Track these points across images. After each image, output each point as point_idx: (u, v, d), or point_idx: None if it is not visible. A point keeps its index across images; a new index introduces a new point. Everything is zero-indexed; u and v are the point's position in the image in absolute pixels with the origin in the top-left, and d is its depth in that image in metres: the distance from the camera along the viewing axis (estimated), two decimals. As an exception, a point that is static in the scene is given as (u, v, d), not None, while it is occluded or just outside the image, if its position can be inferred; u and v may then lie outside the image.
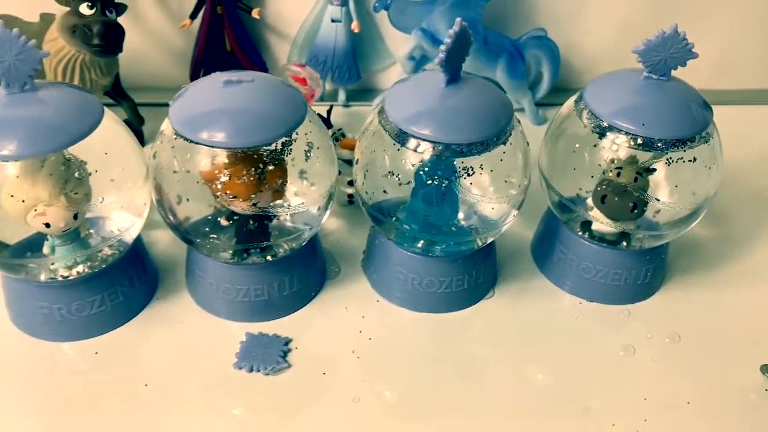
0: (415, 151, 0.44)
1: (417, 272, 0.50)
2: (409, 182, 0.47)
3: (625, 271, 0.51)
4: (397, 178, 0.46)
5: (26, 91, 0.42)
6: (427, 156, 0.44)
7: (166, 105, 0.45)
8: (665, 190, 0.48)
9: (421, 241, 0.50)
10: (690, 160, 0.46)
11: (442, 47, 0.42)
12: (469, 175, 0.46)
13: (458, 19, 0.42)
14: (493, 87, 0.47)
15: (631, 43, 0.47)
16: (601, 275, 0.51)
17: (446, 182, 0.46)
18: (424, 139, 0.43)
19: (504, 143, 0.45)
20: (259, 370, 0.46)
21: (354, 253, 0.56)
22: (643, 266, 0.51)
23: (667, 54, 0.45)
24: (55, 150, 0.41)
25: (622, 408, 0.45)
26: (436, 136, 0.43)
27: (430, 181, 0.46)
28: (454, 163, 0.46)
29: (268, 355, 0.47)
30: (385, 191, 0.48)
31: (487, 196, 0.48)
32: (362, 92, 0.76)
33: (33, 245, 0.47)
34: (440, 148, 0.43)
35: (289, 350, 0.48)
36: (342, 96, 0.75)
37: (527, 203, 0.50)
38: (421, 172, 0.46)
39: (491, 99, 0.45)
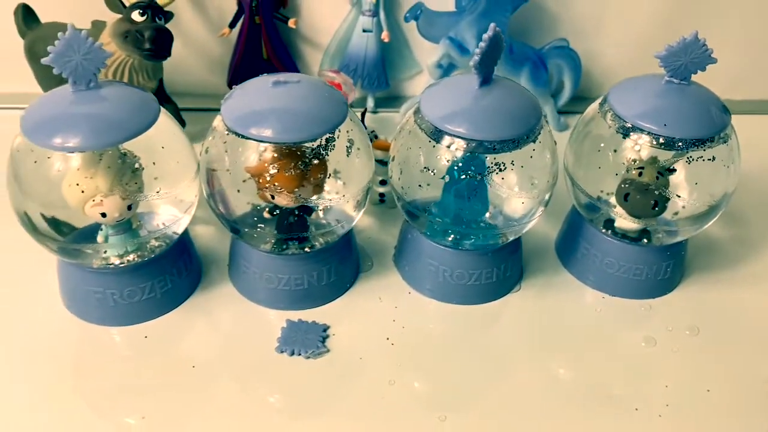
0: (449, 148, 0.47)
1: (448, 265, 0.53)
2: (443, 178, 0.50)
3: (646, 266, 0.54)
4: (431, 174, 0.49)
5: (91, 88, 0.45)
6: (460, 153, 0.47)
7: (205, 110, 0.48)
8: (685, 188, 0.51)
9: (452, 235, 0.53)
10: (709, 159, 0.49)
11: (477, 50, 0.45)
12: (500, 170, 0.48)
13: (492, 25, 0.45)
14: (523, 89, 0.50)
15: (650, 54, 0.49)
16: (623, 270, 0.54)
17: (478, 178, 0.49)
18: (458, 137, 0.46)
19: (533, 141, 0.47)
20: (300, 354, 0.49)
21: (385, 249, 0.59)
22: (663, 262, 0.54)
23: (687, 59, 0.47)
24: (116, 143, 0.44)
25: (645, 394, 0.48)
26: (469, 134, 0.46)
27: (463, 177, 0.49)
28: (486, 159, 0.48)
29: (309, 340, 0.49)
30: (420, 185, 0.50)
31: (517, 192, 0.50)
32: (390, 99, 0.80)
33: (87, 235, 0.50)
34: (473, 145, 0.46)
35: (328, 336, 0.50)
36: (370, 103, 0.78)
37: (551, 202, 0.52)
38: (455, 168, 0.49)
39: (522, 99, 0.48)
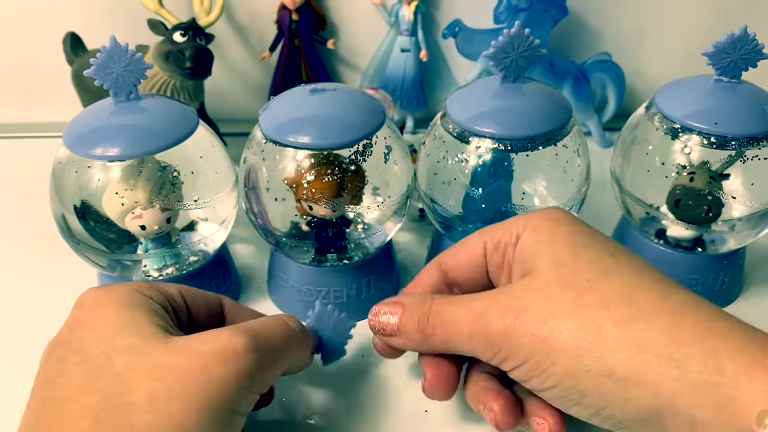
0: (477, 148, 0.47)
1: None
2: (470, 181, 0.49)
3: (701, 276, 0.51)
4: (458, 174, 0.49)
5: (131, 100, 0.46)
6: (487, 153, 0.47)
7: (245, 134, 0.49)
8: (741, 190, 0.48)
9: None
10: (765, 158, 0.46)
11: (494, 42, 0.44)
12: (530, 173, 0.48)
13: (517, 23, 0.45)
14: (552, 89, 0.49)
15: (695, 68, 0.48)
16: (677, 281, 0.51)
17: (506, 176, 0.48)
18: (484, 136, 0.46)
19: (563, 137, 0.46)
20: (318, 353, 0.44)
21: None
22: (720, 271, 0.51)
23: (737, 55, 0.46)
24: (155, 152, 0.44)
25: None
26: (496, 132, 0.45)
27: (490, 179, 0.48)
28: (513, 159, 0.48)
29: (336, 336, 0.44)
30: (447, 191, 0.50)
31: (545, 194, 0.50)
32: (429, 119, 0.78)
33: (127, 248, 0.50)
34: (500, 143, 0.45)
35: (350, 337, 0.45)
36: (410, 123, 0.78)
37: (595, 215, 0.50)
38: (479, 170, 0.48)
39: (549, 97, 0.47)
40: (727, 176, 0.49)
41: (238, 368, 0.33)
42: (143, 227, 0.47)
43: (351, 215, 0.49)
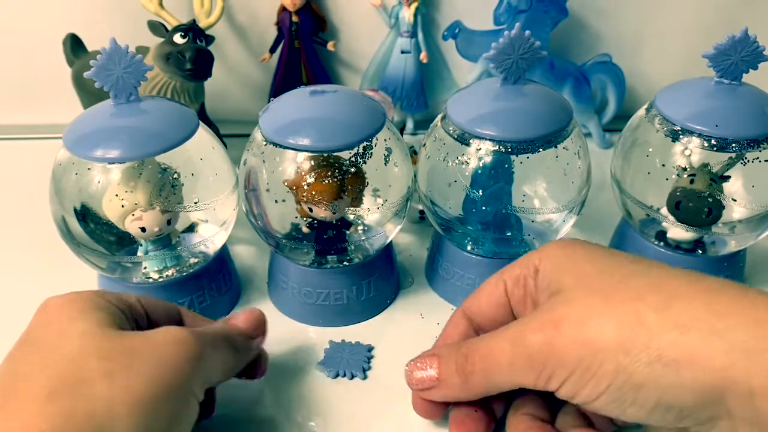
0: (477, 150, 0.47)
1: (484, 277, 0.51)
2: (470, 184, 0.49)
3: (702, 278, 0.51)
4: (459, 176, 0.49)
5: (131, 101, 0.46)
6: (487, 155, 0.47)
7: (246, 135, 0.49)
8: (741, 193, 0.48)
9: (485, 244, 0.52)
10: (766, 160, 0.46)
11: (494, 44, 0.44)
12: (530, 175, 0.48)
13: (517, 24, 0.45)
14: (552, 91, 0.49)
15: (695, 69, 0.48)
16: (677, 283, 0.51)
17: (507, 178, 0.48)
18: (484, 138, 0.46)
19: (564, 139, 0.46)
20: (344, 376, 0.47)
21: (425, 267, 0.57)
22: (720, 273, 0.51)
23: (737, 57, 0.46)
24: (155, 154, 0.44)
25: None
26: (496, 134, 0.45)
27: (490, 181, 0.48)
28: (513, 161, 0.48)
29: (353, 362, 0.48)
30: (448, 193, 0.50)
31: (546, 197, 0.50)
32: (429, 121, 0.78)
33: (127, 250, 0.50)
34: (500, 145, 0.45)
35: (373, 357, 0.49)
36: (410, 124, 0.78)
37: (596, 216, 0.50)
38: (479, 172, 0.48)
39: (550, 99, 0.47)
40: (727, 178, 0.49)
41: (187, 350, 0.35)
42: (143, 229, 0.47)
43: (351, 217, 0.49)
